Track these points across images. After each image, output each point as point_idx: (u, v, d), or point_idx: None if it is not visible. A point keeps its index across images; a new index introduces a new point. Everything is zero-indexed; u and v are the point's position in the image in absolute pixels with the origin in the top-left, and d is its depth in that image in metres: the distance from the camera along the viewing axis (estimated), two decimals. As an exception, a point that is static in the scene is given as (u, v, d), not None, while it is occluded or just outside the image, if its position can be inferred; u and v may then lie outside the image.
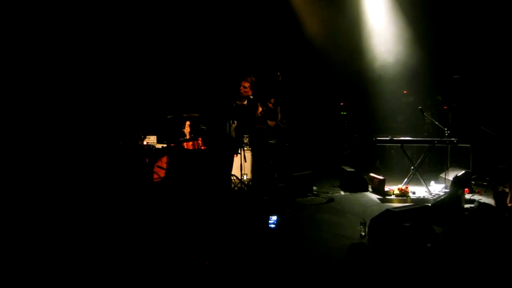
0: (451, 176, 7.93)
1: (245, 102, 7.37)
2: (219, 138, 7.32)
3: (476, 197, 7.54)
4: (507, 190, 6.26)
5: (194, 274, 4.03)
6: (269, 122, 7.48)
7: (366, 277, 3.73)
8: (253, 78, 7.24)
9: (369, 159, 11.31)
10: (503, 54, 9.72)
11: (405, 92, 11.47)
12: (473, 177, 8.47)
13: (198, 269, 4.14)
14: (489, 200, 7.05)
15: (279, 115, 7.60)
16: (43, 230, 5.33)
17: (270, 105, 7.41)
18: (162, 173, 7.48)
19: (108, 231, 5.40)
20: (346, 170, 8.65)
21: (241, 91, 7.31)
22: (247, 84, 7.31)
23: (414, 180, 7.93)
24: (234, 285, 3.89)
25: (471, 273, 3.79)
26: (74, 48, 8.52)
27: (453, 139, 7.73)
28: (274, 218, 5.37)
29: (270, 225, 5.34)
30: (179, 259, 4.38)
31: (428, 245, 4.37)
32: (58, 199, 6.73)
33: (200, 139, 7.95)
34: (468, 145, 8.91)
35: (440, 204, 6.06)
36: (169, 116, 7.97)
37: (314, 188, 8.18)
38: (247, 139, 8.52)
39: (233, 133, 7.35)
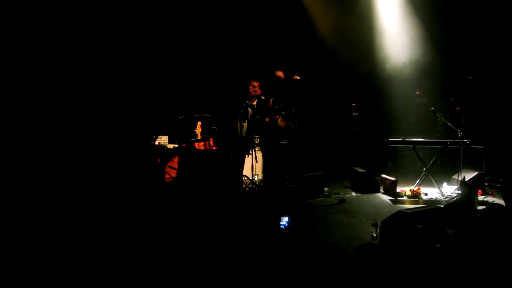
0: (464, 177, 7.88)
1: (255, 102, 7.39)
2: (230, 139, 7.33)
3: (489, 198, 7.47)
4: None
5: (203, 274, 4.05)
6: (280, 123, 7.48)
7: (375, 278, 3.71)
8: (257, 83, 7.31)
9: (380, 160, 11.26)
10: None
11: (417, 93, 11.41)
12: (486, 178, 8.39)
13: (207, 269, 4.15)
14: (502, 202, 6.99)
15: (292, 116, 7.61)
16: (55, 229, 5.40)
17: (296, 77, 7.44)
18: (173, 173, 7.51)
19: (119, 231, 5.44)
20: (357, 171, 8.62)
21: (251, 90, 7.35)
22: (256, 84, 7.34)
23: (426, 182, 7.87)
24: (245, 284, 3.91)
25: (480, 274, 3.75)
26: (87, 49, 8.60)
27: (466, 140, 7.66)
28: (285, 219, 5.38)
29: (281, 226, 5.35)
30: (189, 259, 4.40)
31: (437, 245, 4.34)
32: (70, 198, 6.80)
33: (211, 139, 7.98)
34: (481, 147, 8.82)
35: (452, 206, 6.00)
36: (181, 117, 8.01)
37: (325, 189, 8.17)
38: (258, 140, 8.54)
39: (244, 133, 7.37)
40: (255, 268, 4.20)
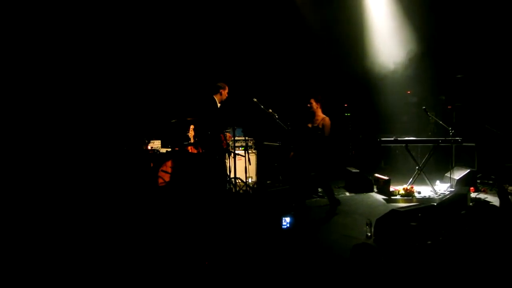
0: (456, 175, 7.93)
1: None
2: (212, 140, 7.34)
3: (482, 195, 7.52)
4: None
5: (204, 275, 4.05)
6: None
7: (370, 276, 3.73)
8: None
9: (373, 160, 11.30)
10: (506, 53, 9.69)
11: (408, 92, 11.47)
12: (478, 175, 8.44)
13: (206, 269, 4.15)
14: (495, 199, 7.04)
15: None
16: (52, 234, 5.37)
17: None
18: (167, 178, 7.49)
19: (114, 234, 5.43)
20: (351, 171, 8.64)
21: (223, 94, 7.44)
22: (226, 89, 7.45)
23: (419, 180, 7.91)
24: (245, 283, 3.92)
25: (468, 271, 3.78)
26: (80, 53, 8.58)
27: (457, 138, 7.72)
28: (287, 219, 5.41)
29: (283, 226, 5.37)
30: (187, 260, 4.40)
31: (428, 242, 4.37)
32: (64, 203, 6.78)
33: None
34: (473, 144, 8.89)
35: (445, 204, 6.04)
36: (173, 120, 7.98)
37: (319, 189, 8.16)
38: (251, 142, 8.54)
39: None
40: (249, 268, 4.21)
